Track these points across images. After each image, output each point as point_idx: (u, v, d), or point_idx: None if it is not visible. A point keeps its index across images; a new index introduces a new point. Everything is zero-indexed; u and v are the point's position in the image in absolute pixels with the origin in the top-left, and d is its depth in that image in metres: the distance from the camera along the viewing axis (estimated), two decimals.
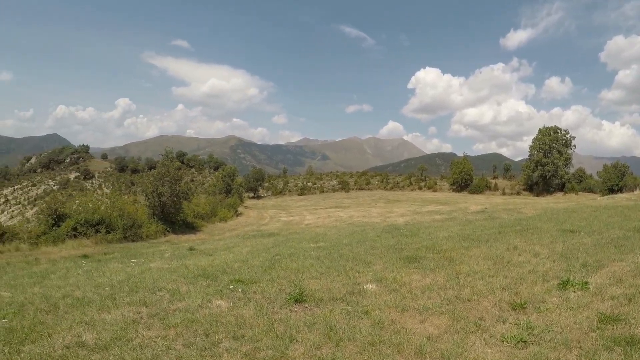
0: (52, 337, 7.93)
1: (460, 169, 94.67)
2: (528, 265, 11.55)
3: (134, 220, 31.92)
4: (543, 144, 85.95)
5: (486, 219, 27.36)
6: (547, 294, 9.14)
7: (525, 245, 14.36)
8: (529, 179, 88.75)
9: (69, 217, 31.11)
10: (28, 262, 21.62)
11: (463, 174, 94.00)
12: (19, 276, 16.25)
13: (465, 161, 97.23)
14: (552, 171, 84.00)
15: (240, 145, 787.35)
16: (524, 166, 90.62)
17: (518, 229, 18.88)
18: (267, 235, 31.24)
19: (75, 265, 18.89)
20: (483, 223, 24.02)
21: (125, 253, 24.60)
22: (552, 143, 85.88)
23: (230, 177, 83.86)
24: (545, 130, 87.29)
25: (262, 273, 12.40)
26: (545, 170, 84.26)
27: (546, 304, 8.57)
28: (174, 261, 17.85)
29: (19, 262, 21.74)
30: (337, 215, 48.99)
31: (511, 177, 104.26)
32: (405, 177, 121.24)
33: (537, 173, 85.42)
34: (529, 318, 7.90)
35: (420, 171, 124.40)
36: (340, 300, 9.32)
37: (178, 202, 39.85)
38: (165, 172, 40.14)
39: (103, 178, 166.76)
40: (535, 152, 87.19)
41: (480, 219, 28.10)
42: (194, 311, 8.97)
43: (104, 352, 7.19)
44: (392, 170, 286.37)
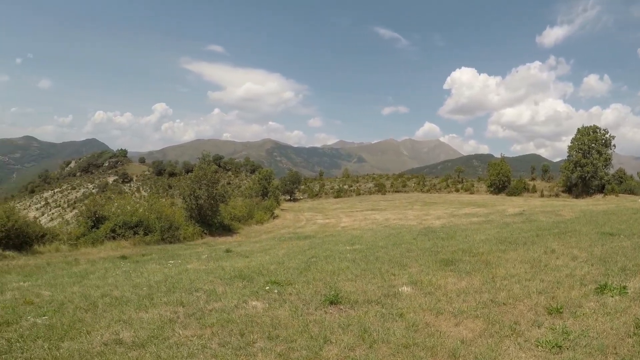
0: (91, 335, 8.10)
1: (498, 171, 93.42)
2: (565, 269, 11.43)
3: (171, 223, 32.27)
4: (582, 144, 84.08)
5: (524, 222, 27.05)
6: (584, 298, 9.04)
7: (563, 249, 14.21)
8: (567, 180, 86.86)
9: (108, 219, 31.58)
10: (68, 263, 21.92)
11: (500, 176, 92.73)
12: (59, 276, 16.49)
13: (503, 163, 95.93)
14: (591, 172, 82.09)
15: (276, 148, 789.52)
16: (563, 167, 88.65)
17: (556, 232, 18.68)
18: (303, 238, 31.29)
19: (114, 266, 19.12)
20: (520, 226, 23.77)
21: (162, 254, 24.86)
22: (591, 143, 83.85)
23: (266, 180, 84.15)
24: (584, 130, 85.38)
25: (297, 275, 12.47)
26: (584, 171, 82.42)
27: (583, 308, 8.48)
28: (210, 262, 18.02)
29: (58, 263, 22.04)
30: (374, 217, 48.85)
31: (549, 179, 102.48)
32: (441, 179, 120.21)
33: (576, 174, 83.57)
34: (565, 323, 7.83)
35: (457, 173, 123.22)
36: (375, 303, 9.35)
37: (215, 204, 40.18)
38: (202, 175, 40.51)
39: (141, 181, 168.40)
40: (574, 153, 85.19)
41: (518, 221, 27.77)
42: (230, 311, 9.08)
43: (141, 350, 7.34)
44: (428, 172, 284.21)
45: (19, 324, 8.87)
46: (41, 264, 21.49)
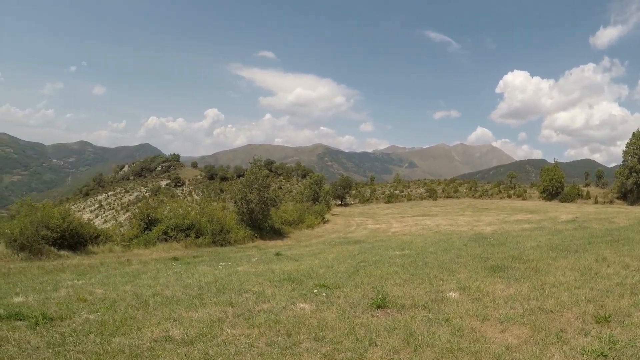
0: (142, 331, 8.37)
1: (551, 177, 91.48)
2: (616, 278, 11.29)
3: (222, 226, 32.68)
4: (637, 149, 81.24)
5: (576, 229, 26.67)
6: (633, 307, 8.92)
7: (615, 257, 14.02)
8: (622, 186, 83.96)
9: (160, 221, 32.15)
10: (120, 263, 22.42)
11: (553, 182, 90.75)
12: (112, 275, 16.89)
13: (556, 168, 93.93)
14: None
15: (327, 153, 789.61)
16: (617, 173, 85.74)
17: (609, 240, 18.41)
18: (353, 243, 31.37)
19: (165, 267, 19.51)
20: (572, 233, 23.46)
21: (213, 257, 25.22)
22: None
23: (317, 185, 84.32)
24: (639, 134, 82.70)
25: (346, 278, 12.60)
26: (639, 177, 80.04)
27: (632, 318, 8.37)
28: (260, 265, 18.27)
29: (112, 263, 22.54)
30: (424, 223, 48.60)
31: (604, 185, 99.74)
32: (494, 184, 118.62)
33: (632, 180, 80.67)
34: (612, 332, 7.75)
35: (510, 179, 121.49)
36: (422, 307, 9.41)
37: (266, 208, 40.52)
38: (253, 180, 40.91)
39: (193, 185, 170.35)
40: (629, 158, 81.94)
41: (570, 228, 27.39)
42: (278, 312, 9.26)
43: (190, 347, 7.57)
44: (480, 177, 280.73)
45: (72, 319, 9.22)
46: (95, 264, 22.02)
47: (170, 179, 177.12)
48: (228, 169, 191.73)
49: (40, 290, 13.05)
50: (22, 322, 8.98)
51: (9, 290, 13.06)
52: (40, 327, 8.62)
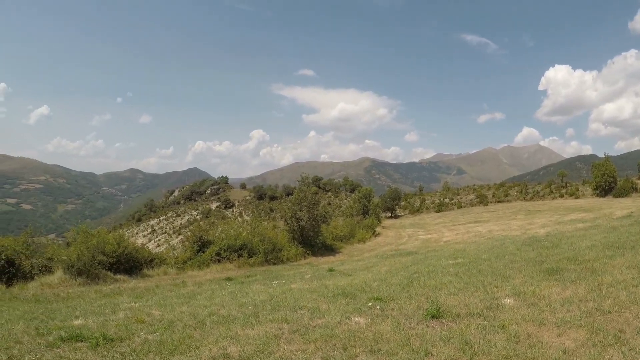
0: (199, 349, 8.52)
1: (602, 172, 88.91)
2: None
3: (274, 245, 32.89)
4: None
5: (632, 224, 26.00)
6: None
7: None
8: None
9: (213, 243, 32.52)
10: (175, 285, 22.68)
11: (606, 177, 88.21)
12: (168, 297, 17.17)
13: (607, 162, 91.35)
14: None
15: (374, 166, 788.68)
16: None
17: None
18: (405, 254, 31.21)
19: (220, 287, 19.70)
20: (629, 229, 22.90)
21: (266, 275, 25.38)
22: None
23: (366, 199, 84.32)
24: None
25: (400, 290, 12.60)
26: None
27: None
28: (314, 282, 18.35)
29: (167, 285, 22.82)
30: (476, 230, 48.04)
31: None
32: (544, 185, 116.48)
33: None
34: None
35: (561, 177, 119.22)
36: (477, 315, 9.37)
37: (316, 225, 40.64)
38: (303, 198, 41.12)
39: (243, 206, 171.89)
40: None
41: (626, 224, 26.72)
42: (333, 327, 9.32)
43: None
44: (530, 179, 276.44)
45: (131, 340, 9.46)
46: (150, 287, 22.33)
47: (220, 201, 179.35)
48: (276, 188, 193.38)
49: (99, 313, 13.37)
50: (83, 343, 9.25)
51: (68, 314, 13.42)
52: (100, 348, 8.86)
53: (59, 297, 19.29)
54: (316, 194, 45.06)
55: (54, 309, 15.04)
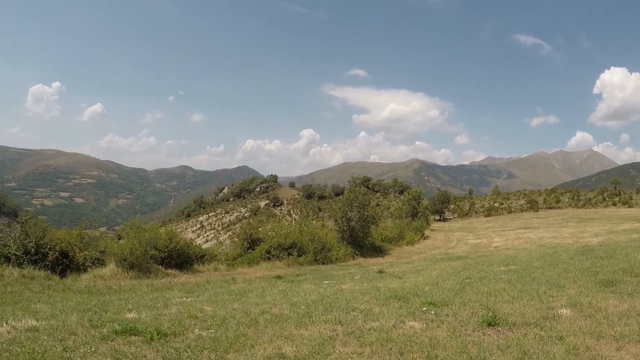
0: (254, 348, 8.53)
1: None
2: None
3: (324, 244, 32.89)
4: None
5: None
6: None
7: None
8: None
9: (263, 241, 32.68)
10: (226, 281, 22.80)
11: None
12: (219, 293, 17.25)
13: None
14: None
15: (423, 168, 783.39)
16: None
17: None
18: (455, 259, 30.93)
19: (270, 285, 19.76)
20: None
21: (316, 275, 25.40)
22: None
23: (415, 201, 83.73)
24: None
25: (453, 296, 12.46)
26: None
27: None
28: (364, 283, 18.28)
29: (217, 281, 22.98)
30: (527, 236, 47.30)
31: None
32: (597, 192, 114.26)
33: None
34: None
35: (614, 185, 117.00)
36: (534, 325, 9.19)
37: (366, 226, 40.51)
38: (353, 198, 41.06)
39: (291, 205, 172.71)
40: None
41: None
42: (388, 331, 9.25)
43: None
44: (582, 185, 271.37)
45: (185, 336, 9.51)
46: (201, 282, 22.52)
47: (269, 199, 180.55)
48: (325, 187, 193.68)
49: (152, 307, 13.48)
50: (137, 337, 9.32)
51: (121, 307, 13.56)
52: (155, 342, 8.92)
53: (111, 289, 19.56)
54: (366, 194, 44.80)
55: (107, 301, 15.22)
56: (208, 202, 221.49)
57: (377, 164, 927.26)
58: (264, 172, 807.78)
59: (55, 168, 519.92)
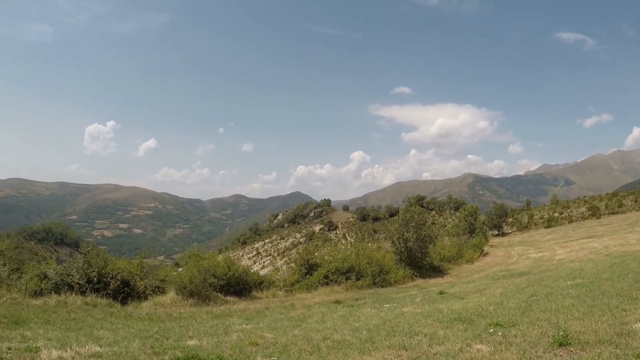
0: None
1: None
2: None
3: (381, 267, 32.57)
4: None
5: None
6: None
7: None
8: None
9: (320, 266, 32.56)
10: (285, 307, 22.80)
11: None
12: (279, 319, 17.25)
13: None
14: None
15: (477, 182, 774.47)
16: None
17: None
18: (517, 275, 30.23)
19: (330, 310, 19.62)
20: None
21: (375, 298, 25.12)
22: None
23: (472, 216, 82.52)
24: None
25: (520, 315, 12.08)
26: None
27: None
28: (426, 305, 17.96)
29: (276, 307, 22.99)
30: (591, 246, 45.98)
31: None
32: None
33: None
34: None
35: None
36: (608, 343, 8.78)
37: (424, 246, 40.01)
38: (409, 218, 40.67)
39: (346, 228, 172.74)
40: None
41: None
42: (455, 355, 8.97)
43: None
44: None
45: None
46: (260, 309, 22.55)
47: (324, 223, 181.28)
48: (379, 209, 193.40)
49: (212, 333, 13.54)
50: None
51: (182, 334, 13.67)
52: None
53: (172, 316, 19.74)
54: (422, 214, 44.36)
55: (168, 328, 15.36)
56: (263, 229, 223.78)
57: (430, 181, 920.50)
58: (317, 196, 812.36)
59: (113, 201, 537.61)
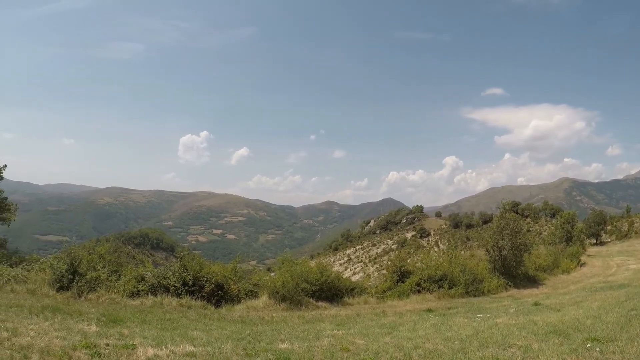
0: None
1: None
2: None
3: (475, 275, 32.03)
4: None
5: None
6: None
7: None
8: None
9: (412, 273, 32.31)
10: (376, 314, 22.74)
11: None
12: (370, 326, 17.29)
13: None
14: None
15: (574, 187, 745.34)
16: None
17: None
18: (616, 287, 29.14)
19: (421, 319, 19.50)
20: None
21: (468, 308, 24.75)
22: None
23: (569, 224, 79.68)
24: None
25: (618, 330, 11.71)
26: None
27: None
28: (520, 317, 17.61)
29: (367, 314, 22.97)
30: None
31: None
32: None
33: None
34: None
35: None
36: None
37: (519, 254, 39.05)
38: (504, 225, 39.83)
39: (438, 235, 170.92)
40: None
41: None
42: None
43: None
44: None
45: None
46: (351, 315, 22.63)
47: (416, 230, 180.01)
48: (472, 215, 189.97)
49: (304, 338, 13.72)
50: None
51: (274, 337, 13.94)
52: None
53: (264, 320, 20.06)
54: (517, 220, 43.31)
55: (260, 331, 15.66)
56: (355, 235, 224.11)
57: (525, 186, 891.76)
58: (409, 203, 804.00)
59: (207, 208, 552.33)
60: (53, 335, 11.46)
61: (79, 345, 10.56)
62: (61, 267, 22.44)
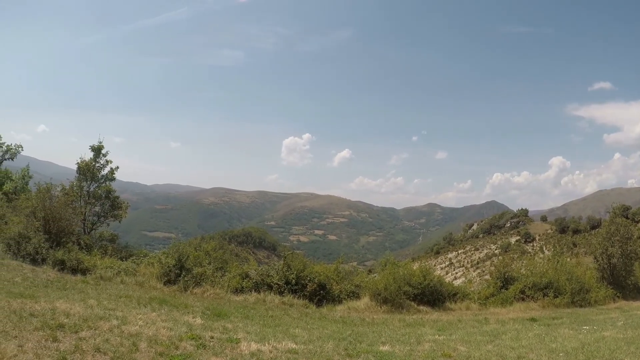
0: None
1: None
2: None
3: (582, 284, 30.91)
4: None
5: None
6: None
7: None
8: None
9: (516, 280, 31.57)
10: (478, 321, 22.42)
11: None
12: (471, 333, 17.11)
13: None
14: None
15: None
16: None
17: None
18: None
19: (524, 328, 19.09)
20: None
21: (573, 319, 23.93)
22: None
23: None
24: None
25: None
26: None
27: None
28: (628, 331, 16.97)
29: (469, 320, 22.67)
30: None
31: None
32: None
33: None
34: None
35: None
36: None
37: (629, 263, 37.36)
38: (614, 231, 38.18)
39: (543, 240, 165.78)
40: None
41: None
42: None
43: None
44: None
45: None
46: (453, 320, 22.42)
47: (520, 234, 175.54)
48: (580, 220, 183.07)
49: (404, 341, 13.77)
50: None
51: (375, 339, 14.07)
52: None
53: (364, 321, 20.20)
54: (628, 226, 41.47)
55: (361, 332, 15.82)
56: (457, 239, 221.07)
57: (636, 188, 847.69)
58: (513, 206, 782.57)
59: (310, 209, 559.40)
60: (160, 326, 12.05)
61: (185, 337, 11.12)
62: (169, 262, 23.55)
